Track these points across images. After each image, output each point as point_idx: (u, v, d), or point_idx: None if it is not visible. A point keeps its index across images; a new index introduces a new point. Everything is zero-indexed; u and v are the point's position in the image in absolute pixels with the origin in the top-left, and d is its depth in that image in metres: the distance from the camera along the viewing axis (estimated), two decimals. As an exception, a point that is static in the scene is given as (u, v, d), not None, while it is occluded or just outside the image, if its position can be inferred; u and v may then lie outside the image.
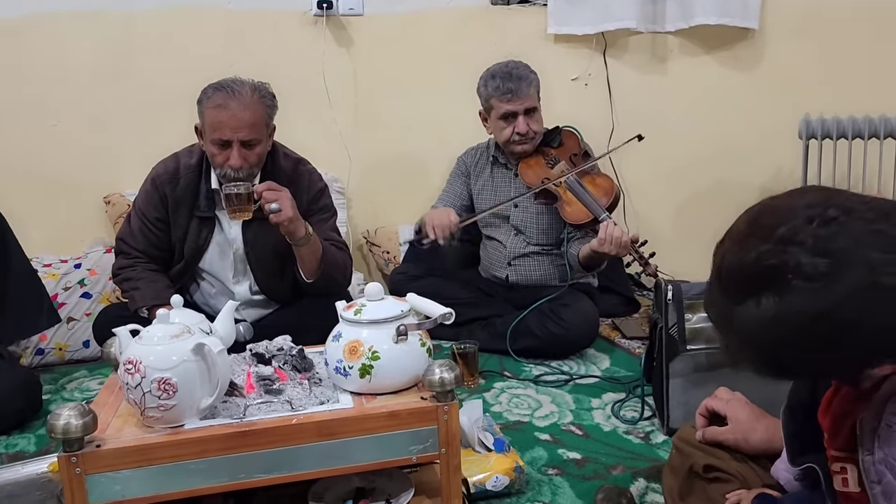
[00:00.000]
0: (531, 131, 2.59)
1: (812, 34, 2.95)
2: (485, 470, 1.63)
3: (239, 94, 2.04)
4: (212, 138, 2.05)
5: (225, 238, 2.23)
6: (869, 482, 0.98)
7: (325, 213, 2.28)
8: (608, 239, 2.32)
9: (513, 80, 2.55)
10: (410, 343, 1.44)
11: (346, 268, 2.30)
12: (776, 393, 1.86)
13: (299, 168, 2.26)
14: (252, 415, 1.37)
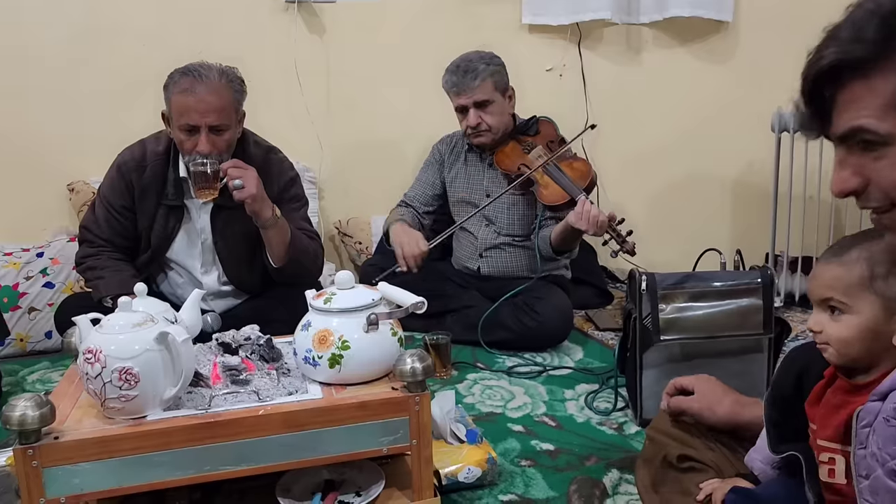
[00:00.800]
0: (483, 124, 2.57)
1: (785, 27, 2.95)
2: (457, 461, 1.60)
3: (206, 78, 1.99)
4: (179, 124, 2.00)
5: (193, 227, 2.18)
6: (857, 475, 0.97)
7: (296, 203, 2.25)
8: (584, 215, 2.31)
9: (459, 73, 2.54)
10: (381, 332, 1.42)
11: (316, 256, 2.26)
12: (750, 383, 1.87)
13: (270, 156, 2.22)
14: (218, 406, 1.34)
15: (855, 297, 1.00)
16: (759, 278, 1.82)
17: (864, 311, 0.99)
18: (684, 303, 1.83)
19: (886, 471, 0.93)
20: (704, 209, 3.18)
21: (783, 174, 2.78)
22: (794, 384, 1.11)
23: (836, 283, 1.02)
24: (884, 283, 0.98)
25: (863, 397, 0.98)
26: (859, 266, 0.99)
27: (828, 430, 1.02)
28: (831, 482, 1.03)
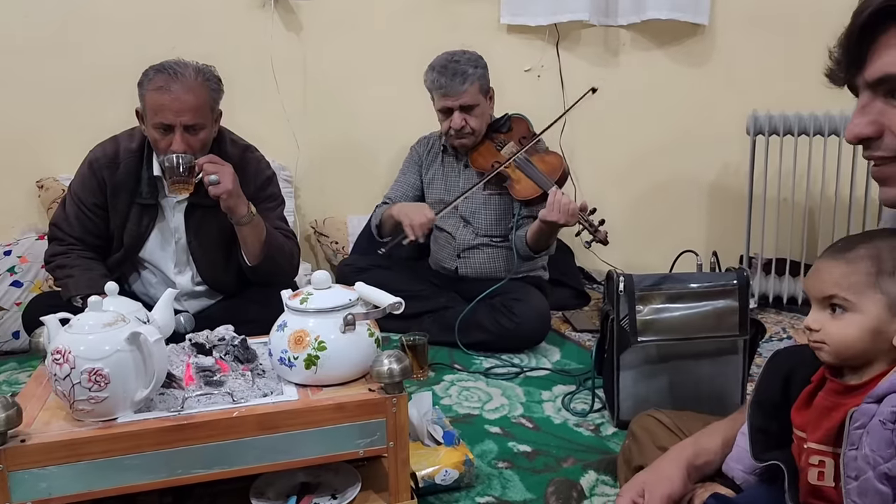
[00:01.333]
0: (468, 127, 2.56)
1: (761, 31, 2.98)
2: (434, 463, 1.59)
3: (182, 76, 1.96)
4: (153, 122, 1.97)
5: (167, 226, 2.14)
6: (845, 476, 0.97)
7: (272, 202, 2.22)
8: (556, 205, 2.31)
9: (447, 75, 2.51)
10: (358, 333, 1.40)
11: (292, 255, 2.23)
12: (725, 384, 1.88)
13: (247, 155, 2.19)
14: (191, 407, 1.31)
15: (860, 295, 0.99)
16: (735, 280, 1.83)
17: (869, 310, 0.98)
18: (661, 304, 1.83)
19: (878, 474, 0.93)
20: (681, 211, 3.20)
21: (758, 177, 2.80)
22: (781, 389, 1.10)
23: (842, 280, 1.00)
24: (891, 281, 0.97)
25: (856, 399, 0.98)
26: (866, 263, 0.98)
27: (819, 432, 1.02)
28: (820, 485, 1.02)
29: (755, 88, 2.94)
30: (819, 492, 1.03)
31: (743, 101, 2.87)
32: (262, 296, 2.07)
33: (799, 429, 1.06)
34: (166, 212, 2.13)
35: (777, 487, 1.09)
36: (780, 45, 2.94)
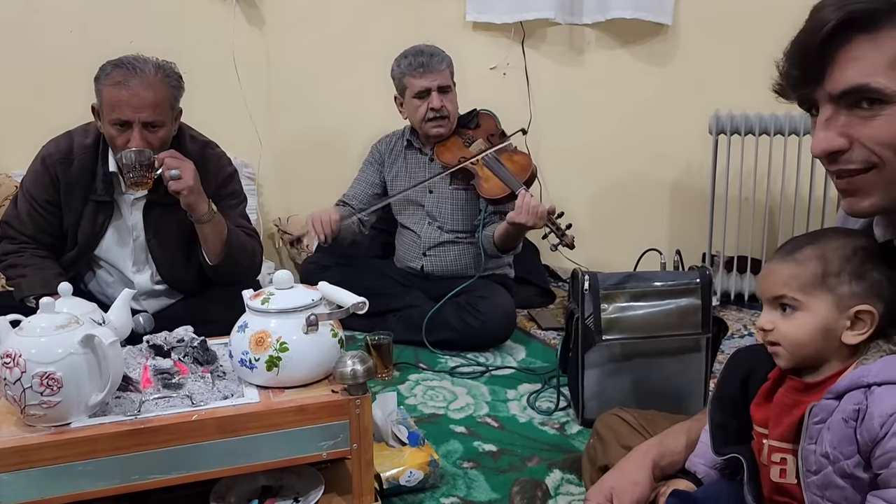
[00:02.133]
0: (445, 108, 2.55)
1: (723, 31, 3.01)
2: (398, 464, 1.57)
3: (141, 71, 1.91)
4: (110, 118, 1.91)
5: (124, 224, 2.09)
6: (805, 471, 0.98)
7: (233, 199, 2.18)
8: (525, 207, 2.31)
9: (424, 55, 2.54)
10: (321, 334, 1.38)
11: (254, 254, 2.20)
12: (688, 382, 1.90)
13: (207, 152, 2.14)
14: (148, 411, 1.28)
15: (808, 295, 1.01)
16: (698, 278, 1.84)
17: (817, 309, 1.00)
18: (625, 303, 1.84)
19: (838, 470, 0.94)
20: (645, 209, 3.22)
21: (720, 176, 2.83)
22: (740, 386, 1.12)
23: (791, 280, 1.02)
24: (836, 280, 0.99)
25: (815, 395, 0.99)
26: (813, 263, 1.01)
27: (780, 428, 1.03)
28: (782, 482, 1.03)
29: (717, 88, 2.97)
30: (782, 488, 1.04)
31: (705, 100, 2.89)
32: (224, 295, 2.03)
33: (759, 424, 1.08)
34: (123, 209, 2.08)
35: (737, 481, 1.10)
36: (741, 46, 2.97)
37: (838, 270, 0.99)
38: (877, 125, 0.88)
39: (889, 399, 0.91)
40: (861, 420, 0.92)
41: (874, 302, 0.98)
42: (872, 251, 1.00)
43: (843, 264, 0.99)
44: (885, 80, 0.86)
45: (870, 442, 0.91)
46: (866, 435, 0.91)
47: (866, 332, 0.99)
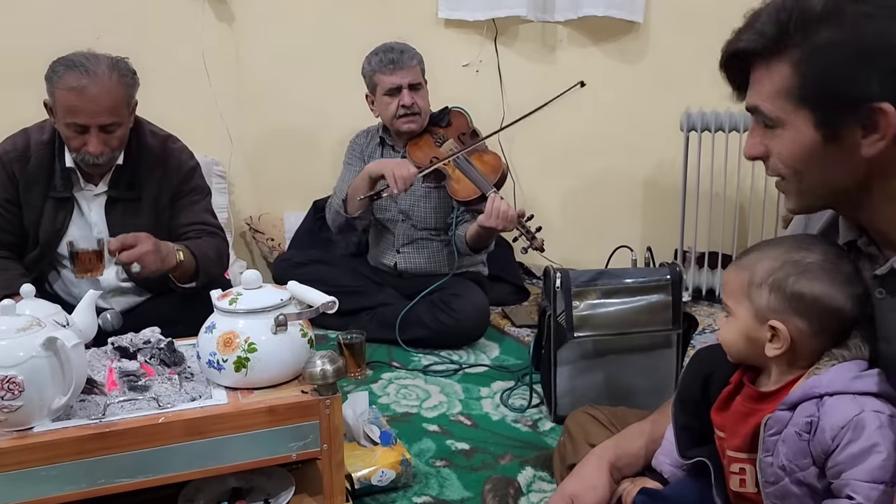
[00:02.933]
0: (416, 105, 2.54)
1: (693, 29, 3.03)
2: (370, 464, 1.57)
3: (95, 74, 1.84)
4: (66, 122, 1.87)
5: (85, 221, 2.06)
6: (763, 481, 0.99)
7: (197, 195, 2.13)
8: (494, 212, 2.31)
9: (395, 52, 2.52)
10: (290, 334, 1.36)
11: (221, 256, 2.16)
12: (659, 378, 1.91)
13: (168, 146, 2.10)
14: (113, 414, 1.26)
15: (736, 302, 1.03)
16: (668, 275, 1.86)
17: (741, 317, 1.02)
18: (597, 300, 1.84)
19: (794, 480, 0.95)
20: (617, 206, 3.23)
21: (691, 172, 2.85)
22: (701, 388, 1.12)
23: (727, 285, 1.05)
24: (757, 292, 1.00)
25: (770, 405, 0.99)
26: (745, 273, 1.02)
27: (737, 439, 1.03)
28: (743, 492, 1.04)
29: (688, 85, 2.98)
30: (743, 496, 1.05)
31: (676, 97, 2.91)
32: (191, 296, 2.00)
33: (719, 429, 1.08)
34: (83, 205, 2.04)
35: (704, 481, 1.10)
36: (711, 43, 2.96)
37: (760, 281, 0.99)
38: (776, 143, 0.95)
39: (840, 410, 0.92)
40: (814, 433, 0.93)
41: (791, 318, 0.97)
42: (815, 265, 0.97)
43: (766, 276, 0.99)
44: (769, 106, 0.93)
45: (823, 454, 0.93)
46: (819, 448, 0.93)
47: (782, 348, 0.98)
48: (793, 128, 0.92)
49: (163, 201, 2.06)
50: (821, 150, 0.91)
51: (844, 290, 0.96)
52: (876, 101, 0.86)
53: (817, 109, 0.90)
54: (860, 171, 0.91)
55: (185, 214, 2.08)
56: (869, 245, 1.00)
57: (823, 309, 0.96)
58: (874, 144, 0.88)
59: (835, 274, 0.97)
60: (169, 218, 2.07)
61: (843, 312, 0.97)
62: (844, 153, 0.90)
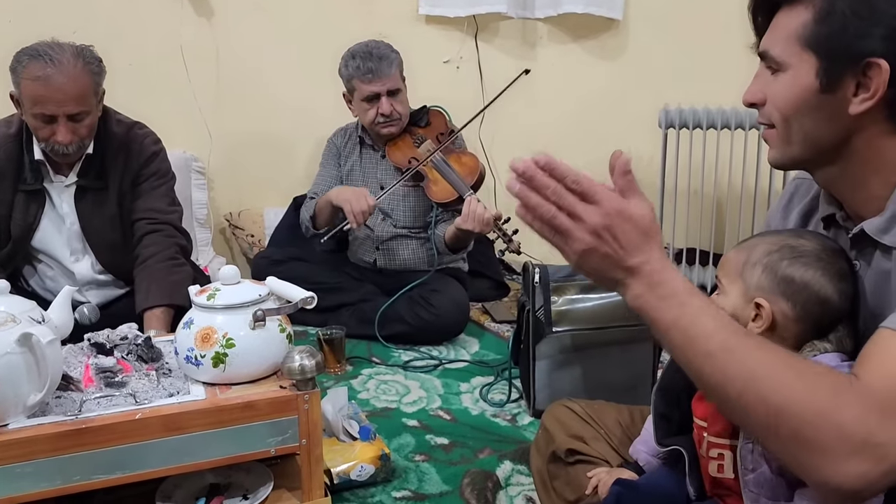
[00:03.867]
0: (395, 112, 2.54)
1: (672, 27, 3.06)
2: (349, 459, 1.57)
3: (60, 63, 1.82)
4: (33, 112, 1.85)
5: (57, 213, 2.04)
6: (742, 469, 1.00)
7: (158, 180, 2.10)
8: (471, 215, 2.32)
9: (373, 59, 2.49)
10: (269, 329, 1.36)
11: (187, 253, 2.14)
12: (636, 371, 1.93)
13: (132, 132, 2.08)
14: (90, 410, 1.25)
15: (730, 280, 1.03)
16: (646, 270, 1.87)
17: (731, 294, 1.02)
18: (575, 294, 1.86)
19: (774, 468, 0.96)
20: (596, 202, 3.25)
21: (669, 169, 2.88)
22: (684, 377, 1.13)
23: (725, 264, 1.05)
24: (750, 270, 1.00)
25: None
26: (743, 253, 1.02)
27: (718, 425, 1.04)
28: (720, 477, 1.05)
29: (666, 83, 3.01)
30: (721, 482, 1.06)
31: (655, 94, 2.94)
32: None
33: (699, 419, 1.09)
34: (54, 197, 2.03)
35: (679, 471, 1.12)
36: (689, 41, 3.03)
37: (755, 261, 1.00)
38: (775, 88, 0.97)
39: None
40: None
41: (776, 299, 0.98)
42: (811, 253, 0.98)
43: (762, 256, 1.00)
44: (778, 49, 0.95)
45: None
46: None
47: (762, 327, 0.99)
48: (794, 72, 0.93)
49: (125, 187, 2.05)
50: (814, 98, 0.93)
51: (834, 283, 0.97)
52: (875, 57, 0.88)
53: (822, 57, 0.91)
54: (844, 129, 0.93)
55: (143, 199, 2.06)
56: (846, 220, 1.02)
57: (810, 296, 0.97)
58: (863, 103, 0.91)
59: (828, 266, 0.98)
60: (131, 201, 2.06)
61: (830, 303, 0.97)
62: (834, 107, 0.92)
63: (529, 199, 0.87)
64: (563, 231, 0.86)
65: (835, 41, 0.90)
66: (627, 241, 0.85)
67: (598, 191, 0.85)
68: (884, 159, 0.94)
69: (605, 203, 0.85)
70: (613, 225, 0.84)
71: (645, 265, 0.85)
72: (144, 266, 2.00)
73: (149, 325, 1.85)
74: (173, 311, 1.91)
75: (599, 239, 0.85)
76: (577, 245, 0.86)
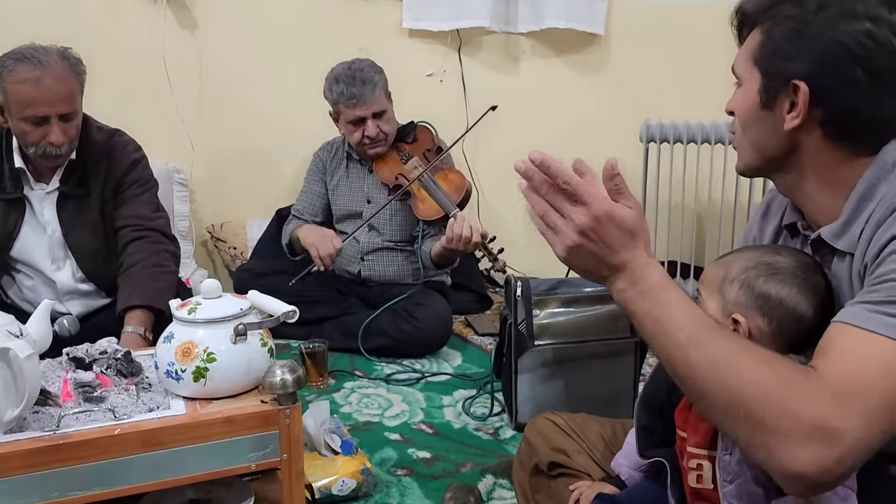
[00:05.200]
0: (381, 133, 2.54)
1: (653, 42, 3.09)
2: (331, 474, 1.57)
3: (48, 64, 1.84)
4: (23, 115, 1.85)
5: (38, 221, 2.03)
6: (722, 480, 1.01)
7: (141, 187, 2.10)
8: (456, 236, 2.33)
9: (357, 84, 2.48)
10: (250, 343, 1.35)
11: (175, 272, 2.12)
12: (617, 385, 1.94)
13: (114, 139, 2.08)
14: (67, 426, 1.23)
15: (709, 294, 1.04)
16: (627, 284, 1.88)
17: (710, 309, 1.04)
18: (557, 308, 1.87)
19: (752, 477, 0.97)
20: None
21: (651, 183, 2.90)
22: (667, 389, 1.14)
23: (705, 277, 1.07)
24: (729, 286, 1.02)
25: None
26: (722, 268, 1.04)
27: (697, 436, 1.05)
28: (699, 488, 1.06)
29: (648, 97, 3.04)
30: (701, 493, 1.07)
31: (636, 109, 2.97)
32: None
33: (681, 429, 1.10)
34: (34, 205, 2.02)
35: (661, 486, 1.12)
36: (671, 56, 3.06)
37: (733, 277, 1.02)
38: (736, 99, 1.05)
39: None
40: None
41: (753, 315, 0.99)
42: (787, 270, 1.00)
43: (739, 273, 1.02)
44: (738, 66, 1.04)
45: None
46: None
47: None
48: (746, 86, 1.02)
49: (107, 194, 2.05)
50: (757, 112, 1.01)
51: (810, 300, 0.99)
52: (797, 79, 0.95)
53: (763, 75, 0.99)
54: (785, 142, 1.00)
55: (127, 207, 2.05)
56: (807, 229, 1.06)
57: (785, 312, 0.99)
58: (792, 120, 0.98)
59: (804, 282, 0.99)
60: (113, 209, 2.06)
61: (804, 319, 0.99)
62: (772, 122, 1.00)
63: (528, 197, 0.98)
64: (553, 227, 0.95)
65: (769, 62, 0.98)
66: (612, 241, 0.91)
67: (586, 192, 0.93)
68: (830, 173, 0.99)
69: (592, 205, 0.92)
70: (599, 226, 0.91)
71: (628, 263, 0.92)
72: (128, 273, 1.99)
73: (129, 322, 1.86)
74: (154, 315, 1.90)
75: (586, 238, 0.92)
76: (565, 241, 0.94)
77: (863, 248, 0.94)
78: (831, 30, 0.93)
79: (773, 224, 1.15)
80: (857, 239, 0.95)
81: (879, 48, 0.92)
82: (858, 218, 0.96)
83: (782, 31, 0.97)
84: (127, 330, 1.85)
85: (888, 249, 0.89)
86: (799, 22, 0.95)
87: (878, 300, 0.86)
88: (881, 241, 0.90)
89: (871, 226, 0.94)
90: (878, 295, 0.86)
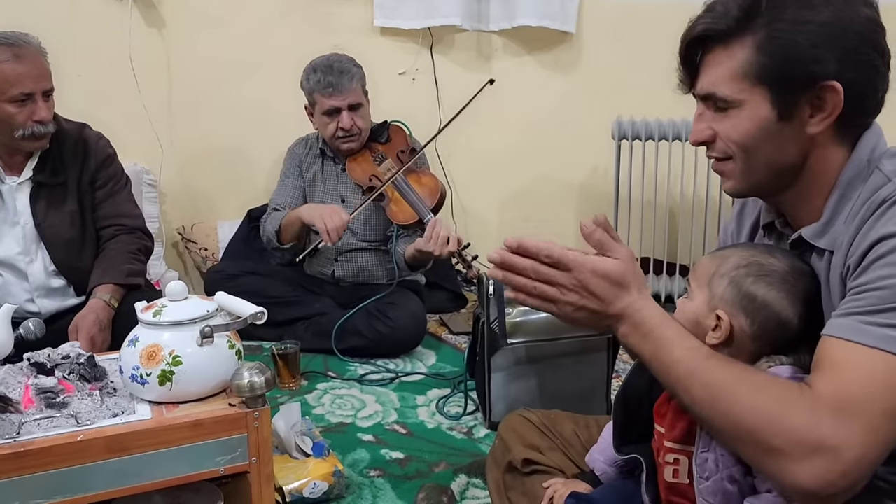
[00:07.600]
0: (356, 127, 2.53)
1: (624, 40, 3.11)
2: (302, 476, 1.55)
3: (27, 44, 1.93)
4: (10, 95, 1.88)
5: (9, 211, 1.99)
6: (698, 477, 1.01)
7: (117, 184, 2.13)
8: (434, 240, 2.31)
9: (334, 73, 2.47)
10: (217, 346, 1.33)
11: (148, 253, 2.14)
12: (591, 382, 1.94)
13: (85, 131, 2.12)
14: (28, 433, 1.20)
15: (698, 286, 1.04)
16: (600, 281, 1.89)
17: (697, 300, 1.03)
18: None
19: (727, 476, 0.97)
20: (552, 212, 3.28)
21: (623, 179, 2.91)
22: (647, 386, 1.14)
23: (698, 268, 1.06)
24: (717, 281, 1.02)
25: None
26: (716, 262, 1.04)
27: (674, 431, 1.05)
28: (675, 482, 1.06)
29: (619, 95, 3.05)
30: (676, 488, 1.07)
31: (608, 106, 2.97)
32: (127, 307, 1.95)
33: (659, 424, 1.10)
34: (6, 195, 1.99)
35: (635, 483, 1.12)
36: (641, 54, 3.07)
37: (724, 273, 1.02)
38: (727, 124, 1.00)
39: None
40: None
41: (737, 314, 0.99)
42: (777, 273, 1.00)
43: (730, 269, 1.01)
44: (726, 89, 0.98)
45: None
46: None
47: (719, 339, 1.00)
48: (750, 106, 0.97)
49: (83, 185, 2.07)
50: (774, 127, 0.97)
51: (796, 307, 0.98)
52: (829, 80, 0.93)
53: (775, 87, 0.95)
54: (803, 148, 0.98)
55: (106, 206, 2.09)
56: (785, 226, 1.07)
57: (769, 316, 0.98)
58: (821, 122, 0.96)
59: (792, 287, 0.99)
60: (91, 203, 2.08)
61: (788, 326, 0.98)
62: (793, 130, 0.97)
63: (513, 282, 1.01)
64: (550, 298, 0.99)
65: (788, 70, 0.94)
66: (605, 295, 0.97)
67: (568, 257, 0.97)
68: (828, 170, 0.99)
69: (577, 268, 0.97)
70: (588, 284, 0.96)
71: (625, 310, 0.97)
72: (104, 255, 2.05)
73: (96, 293, 1.91)
74: (124, 292, 1.96)
75: (581, 297, 0.97)
76: (564, 308, 0.99)
77: (845, 249, 0.94)
78: (850, 24, 0.93)
79: (750, 222, 1.16)
80: (837, 238, 0.96)
81: (880, 29, 0.96)
82: (838, 217, 0.97)
83: (800, 34, 0.93)
84: (94, 297, 1.91)
85: (873, 254, 0.89)
86: (814, 20, 0.93)
87: (867, 310, 0.86)
88: (865, 244, 0.91)
89: (852, 225, 0.94)
90: (865, 303, 0.87)
